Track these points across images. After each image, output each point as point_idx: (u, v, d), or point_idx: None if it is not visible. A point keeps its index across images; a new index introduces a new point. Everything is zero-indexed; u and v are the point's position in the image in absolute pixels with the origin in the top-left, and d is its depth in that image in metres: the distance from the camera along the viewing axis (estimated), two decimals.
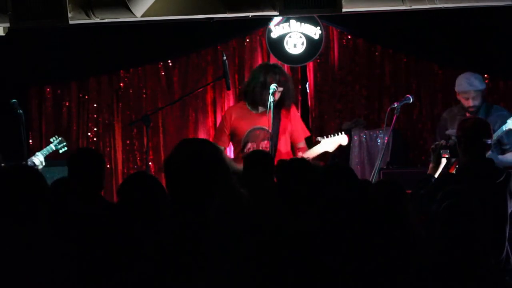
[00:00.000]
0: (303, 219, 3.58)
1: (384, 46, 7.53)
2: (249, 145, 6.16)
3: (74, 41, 7.37)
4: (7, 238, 3.26)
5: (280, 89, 6.10)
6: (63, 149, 6.54)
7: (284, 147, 6.21)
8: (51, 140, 6.55)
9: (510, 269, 4.46)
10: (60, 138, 6.55)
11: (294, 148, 6.32)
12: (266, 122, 6.07)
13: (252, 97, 6.20)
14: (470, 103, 6.00)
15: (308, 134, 6.49)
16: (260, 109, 6.21)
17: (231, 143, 6.45)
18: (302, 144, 6.31)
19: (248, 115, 6.23)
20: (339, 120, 7.60)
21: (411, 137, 7.47)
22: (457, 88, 6.14)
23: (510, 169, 4.79)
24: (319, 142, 6.17)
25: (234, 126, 6.25)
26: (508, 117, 5.81)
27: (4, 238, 3.26)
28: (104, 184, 4.53)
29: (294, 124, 6.28)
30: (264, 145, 6.16)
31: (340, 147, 6.30)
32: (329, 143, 6.15)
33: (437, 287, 3.40)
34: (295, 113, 6.39)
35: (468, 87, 6.03)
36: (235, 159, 6.22)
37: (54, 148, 6.47)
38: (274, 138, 6.08)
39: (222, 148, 6.27)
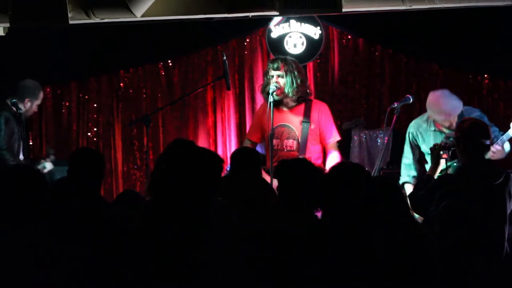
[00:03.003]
0: (303, 220, 3.58)
1: (384, 46, 7.54)
2: (274, 141, 5.95)
3: (74, 41, 7.38)
4: (8, 238, 3.26)
5: (282, 81, 6.00)
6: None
7: (311, 154, 5.98)
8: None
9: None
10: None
11: (326, 149, 6.07)
12: (291, 120, 6.00)
13: (264, 90, 6.08)
14: (455, 121, 5.61)
15: (338, 138, 6.12)
16: (290, 104, 6.10)
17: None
18: (332, 145, 6.03)
19: (276, 111, 5.98)
20: (339, 120, 7.60)
21: None
22: (440, 117, 5.64)
23: (509, 169, 4.79)
24: None
25: (262, 121, 6.10)
26: (481, 115, 5.55)
27: (4, 238, 3.26)
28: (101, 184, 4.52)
29: (324, 124, 6.04)
30: (289, 144, 6.08)
31: (340, 144, 6.28)
32: None
33: (436, 287, 3.40)
34: (326, 114, 6.09)
35: (455, 113, 5.59)
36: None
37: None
38: (302, 146, 5.99)
39: (252, 141, 6.16)
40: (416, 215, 4.99)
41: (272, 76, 6.00)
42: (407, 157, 5.95)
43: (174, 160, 3.06)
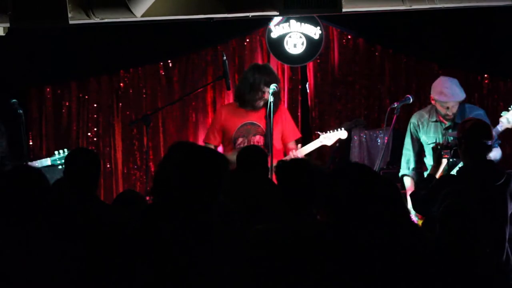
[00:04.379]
0: (304, 220, 3.57)
1: (384, 46, 7.54)
2: (240, 140, 6.18)
3: (74, 41, 7.37)
4: (8, 238, 3.26)
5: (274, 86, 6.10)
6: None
7: (278, 144, 6.23)
8: (56, 153, 6.40)
9: (510, 270, 4.46)
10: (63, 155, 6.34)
11: (285, 148, 6.32)
12: (256, 117, 6.16)
13: (241, 98, 6.23)
14: (452, 111, 5.72)
15: (299, 135, 6.51)
16: (258, 106, 6.22)
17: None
18: (292, 144, 6.33)
19: (238, 112, 6.24)
20: (339, 120, 7.61)
21: None
22: (439, 98, 5.73)
23: (510, 170, 4.79)
24: (318, 136, 6.23)
25: (224, 123, 6.26)
26: (484, 116, 5.60)
27: (5, 238, 3.26)
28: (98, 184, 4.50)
29: (285, 124, 6.30)
30: (256, 139, 6.18)
31: (340, 144, 6.33)
32: (328, 138, 6.26)
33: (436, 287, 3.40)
34: (286, 114, 6.41)
35: (454, 99, 5.70)
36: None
37: (50, 163, 6.35)
38: (270, 136, 6.07)
39: (213, 145, 6.29)
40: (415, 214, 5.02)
41: (265, 92, 6.09)
42: (407, 149, 6.00)
43: (175, 159, 3.06)
